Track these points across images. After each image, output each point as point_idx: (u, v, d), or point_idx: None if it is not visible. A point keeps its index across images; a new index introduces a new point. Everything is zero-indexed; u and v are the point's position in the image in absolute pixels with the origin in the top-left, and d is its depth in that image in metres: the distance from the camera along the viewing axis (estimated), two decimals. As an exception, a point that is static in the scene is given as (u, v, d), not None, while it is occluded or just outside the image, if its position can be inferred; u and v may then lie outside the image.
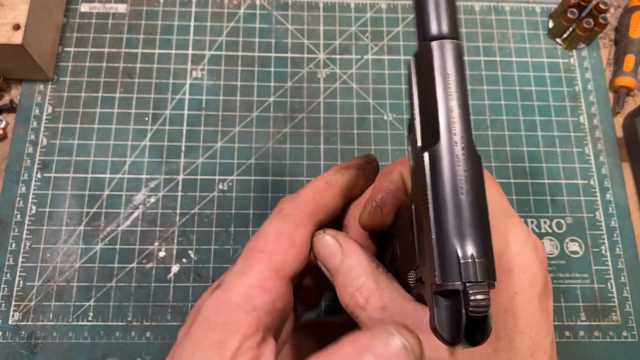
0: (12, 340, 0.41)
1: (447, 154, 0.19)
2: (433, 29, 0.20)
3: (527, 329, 0.22)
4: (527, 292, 0.22)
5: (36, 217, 0.45)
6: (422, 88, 0.21)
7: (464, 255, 0.18)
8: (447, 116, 0.20)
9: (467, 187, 0.19)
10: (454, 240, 0.18)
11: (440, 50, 0.20)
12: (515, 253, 0.22)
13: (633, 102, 0.52)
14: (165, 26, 0.52)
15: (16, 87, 0.49)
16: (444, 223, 0.19)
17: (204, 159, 0.47)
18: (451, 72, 0.20)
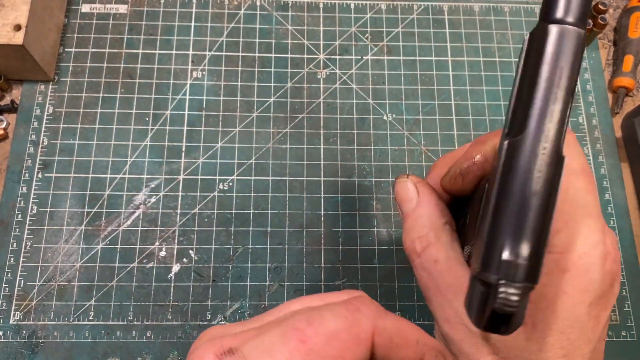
0: (13, 339, 0.42)
1: (528, 149, 0.18)
2: (558, 11, 0.18)
3: (567, 330, 0.21)
4: (576, 295, 0.21)
5: (37, 216, 0.45)
6: (526, 72, 0.19)
7: (509, 254, 0.18)
8: (541, 110, 0.18)
9: (538, 188, 0.18)
10: (504, 237, 0.18)
11: (558, 36, 0.18)
12: (577, 255, 0.21)
13: (632, 103, 0.52)
14: (165, 27, 0.52)
15: (17, 88, 0.49)
16: (501, 217, 0.18)
17: (205, 159, 0.48)
18: (564, 65, 0.18)
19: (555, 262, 0.22)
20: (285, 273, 0.44)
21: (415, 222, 0.26)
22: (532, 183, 0.18)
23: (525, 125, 0.18)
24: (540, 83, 0.18)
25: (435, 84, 0.51)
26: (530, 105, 0.18)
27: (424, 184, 0.27)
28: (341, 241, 0.46)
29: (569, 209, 0.22)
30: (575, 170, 0.22)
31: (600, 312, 0.22)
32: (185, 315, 0.43)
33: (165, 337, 0.42)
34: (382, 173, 0.48)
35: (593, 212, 0.22)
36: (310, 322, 0.19)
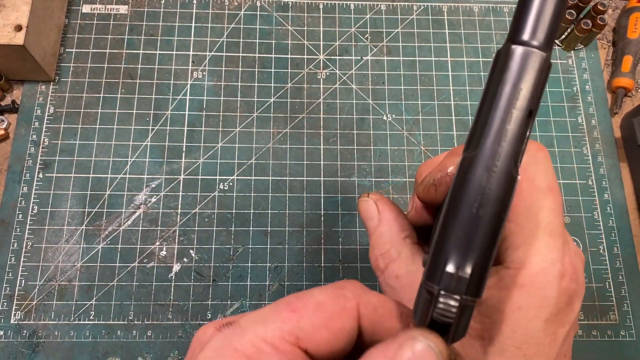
0: (14, 339, 0.42)
1: (479, 167, 0.19)
2: (524, 33, 0.19)
3: (522, 345, 0.22)
4: (532, 311, 0.22)
5: (38, 216, 0.45)
6: (489, 89, 0.19)
7: (452, 267, 0.18)
8: (496, 130, 0.18)
9: (485, 206, 0.18)
10: (449, 250, 0.19)
11: (521, 58, 0.19)
12: (534, 272, 0.22)
13: (631, 103, 0.52)
14: (166, 27, 0.52)
15: (18, 88, 0.50)
16: (448, 230, 0.19)
17: (205, 159, 0.48)
18: (523, 87, 0.19)
19: (512, 278, 0.22)
20: (285, 273, 0.44)
21: (378, 239, 0.26)
22: (480, 201, 0.18)
23: (480, 143, 0.19)
24: (498, 102, 0.19)
25: (434, 84, 0.51)
26: (487, 123, 0.19)
27: (384, 202, 0.28)
28: (341, 241, 0.46)
29: (530, 226, 0.22)
30: (541, 189, 0.23)
31: (557, 329, 0.22)
32: (186, 315, 0.43)
33: (166, 336, 0.42)
34: (382, 173, 0.48)
35: (555, 231, 0.22)
36: (299, 297, 0.21)
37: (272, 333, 0.19)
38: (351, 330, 0.21)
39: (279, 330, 0.19)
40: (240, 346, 0.19)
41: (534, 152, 0.23)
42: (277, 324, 0.20)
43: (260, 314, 0.20)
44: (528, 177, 0.23)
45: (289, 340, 0.19)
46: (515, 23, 0.19)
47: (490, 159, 0.19)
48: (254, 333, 0.19)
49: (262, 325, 0.20)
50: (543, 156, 0.23)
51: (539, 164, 0.23)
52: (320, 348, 0.20)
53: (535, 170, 0.23)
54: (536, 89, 0.19)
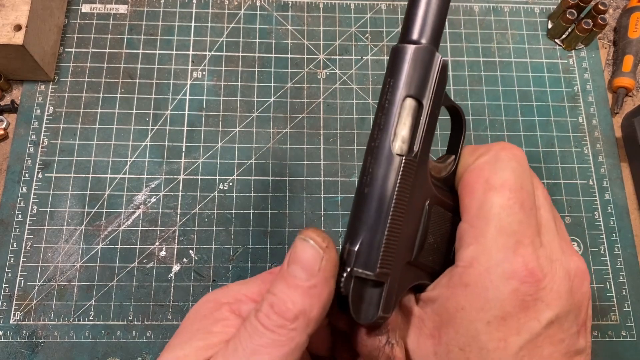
0: (13, 339, 0.42)
1: (366, 151, 0.21)
2: (413, 33, 0.21)
3: (465, 347, 0.21)
4: (472, 312, 0.21)
5: (37, 216, 0.45)
6: (383, 86, 0.22)
7: (345, 242, 0.21)
8: (376, 117, 0.21)
9: (369, 183, 0.21)
10: (347, 228, 0.21)
11: (391, 54, 0.21)
12: (479, 271, 0.21)
13: (632, 103, 0.52)
14: (166, 27, 0.52)
15: (17, 88, 0.49)
16: (352, 210, 0.22)
17: (205, 159, 0.48)
18: (391, 77, 0.21)
19: (459, 277, 0.22)
20: (285, 273, 0.44)
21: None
22: (365, 180, 0.21)
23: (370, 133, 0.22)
24: (380, 95, 0.22)
25: (435, 84, 0.51)
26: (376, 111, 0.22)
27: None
28: (341, 241, 0.46)
29: (480, 224, 0.22)
30: (494, 186, 0.22)
31: (507, 336, 0.21)
32: (185, 315, 0.43)
33: (166, 337, 0.42)
34: (382, 173, 0.48)
35: (507, 230, 0.21)
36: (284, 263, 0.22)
37: (251, 289, 0.23)
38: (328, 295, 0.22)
39: (257, 287, 0.23)
40: (223, 298, 0.23)
41: (496, 152, 0.23)
42: (256, 283, 0.23)
43: (245, 280, 0.24)
44: (482, 175, 0.22)
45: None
46: (403, 24, 0.22)
47: (371, 143, 0.21)
48: (237, 290, 0.23)
49: (244, 285, 0.23)
50: (505, 155, 0.23)
51: (498, 162, 0.23)
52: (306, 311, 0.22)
53: (491, 169, 0.22)
54: (411, 78, 0.21)
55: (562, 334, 0.21)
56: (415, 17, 0.21)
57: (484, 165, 0.22)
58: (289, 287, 0.20)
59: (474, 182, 0.22)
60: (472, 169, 0.23)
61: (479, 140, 0.49)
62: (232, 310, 0.22)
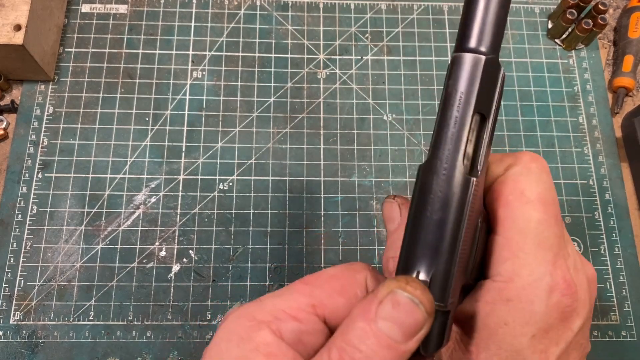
0: (13, 339, 0.42)
1: (430, 171, 0.19)
2: (471, 41, 0.20)
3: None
4: (517, 327, 0.21)
5: (37, 216, 0.45)
6: (442, 97, 0.20)
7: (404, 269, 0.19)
8: (443, 133, 0.19)
9: (438, 209, 0.19)
10: (410, 257, 0.19)
11: (458, 63, 0.19)
12: (521, 286, 0.21)
13: (632, 102, 0.52)
14: (166, 27, 0.52)
15: (17, 88, 0.49)
16: (408, 238, 0.19)
17: (205, 159, 0.48)
18: (463, 91, 0.19)
19: (498, 292, 0.21)
20: (285, 273, 0.44)
21: (393, 242, 0.25)
22: (433, 205, 0.19)
23: (431, 150, 0.19)
24: (442, 109, 0.19)
25: (435, 84, 0.51)
26: (435, 130, 0.19)
27: (408, 207, 0.26)
28: (341, 241, 0.46)
29: (517, 238, 0.22)
30: (530, 200, 0.22)
31: (547, 347, 0.21)
32: (185, 315, 0.43)
33: (165, 337, 0.42)
34: (382, 173, 0.48)
35: (544, 243, 0.22)
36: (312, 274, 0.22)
37: (289, 304, 0.21)
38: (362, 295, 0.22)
39: (295, 301, 0.21)
40: (259, 315, 0.20)
41: (527, 164, 0.23)
42: (293, 295, 0.21)
43: (278, 291, 0.22)
44: (517, 188, 0.22)
45: (305, 308, 0.21)
46: (458, 32, 0.20)
47: (438, 162, 0.19)
48: (272, 304, 0.21)
49: (279, 298, 0.21)
50: (536, 167, 0.23)
51: (531, 175, 0.23)
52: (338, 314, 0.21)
53: (525, 181, 0.22)
54: (482, 92, 0.19)
55: (583, 339, 0.22)
56: (485, 24, 0.20)
57: (518, 178, 0.22)
58: (380, 346, 0.18)
59: (508, 194, 0.22)
60: (505, 181, 0.23)
61: (479, 140, 0.49)
62: (273, 332, 0.20)
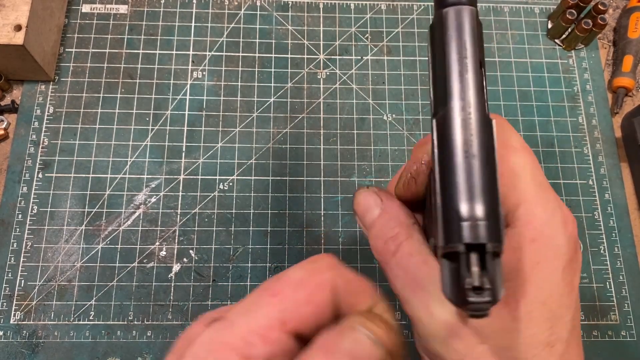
0: (13, 339, 0.42)
1: (455, 118, 0.19)
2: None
3: (548, 300, 0.22)
4: (549, 263, 0.22)
5: (37, 216, 0.45)
6: (435, 57, 0.20)
7: (466, 217, 0.18)
8: (458, 81, 0.19)
9: (474, 150, 0.19)
10: (457, 202, 0.18)
11: (454, 16, 0.20)
12: (541, 223, 0.22)
13: (631, 103, 0.52)
14: (166, 27, 0.52)
15: (18, 88, 0.49)
16: (448, 186, 0.19)
17: (205, 159, 0.48)
18: (467, 38, 0.20)
19: (521, 235, 0.22)
20: (286, 273, 0.44)
21: (384, 225, 0.25)
22: (468, 147, 0.19)
23: (447, 100, 0.19)
24: (449, 60, 0.19)
25: (435, 84, 0.51)
26: (447, 81, 0.19)
27: (385, 192, 0.27)
28: (341, 241, 0.46)
29: (520, 183, 0.22)
30: (516, 148, 0.23)
31: (572, 278, 0.23)
32: (186, 315, 0.43)
33: (166, 336, 0.42)
34: (382, 173, 0.48)
35: (543, 183, 0.23)
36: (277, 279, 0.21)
37: (259, 322, 0.20)
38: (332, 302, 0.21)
39: (265, 319, 0.20)
40: (229, 340, 0.19)
41: (496, 119, 0.23)
42: (263, 312, 0.20)
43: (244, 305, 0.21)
44: (501, 140, 0.22)
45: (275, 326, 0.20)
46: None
47: (462, 108, 0.19)
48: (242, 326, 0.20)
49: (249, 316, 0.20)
50: (504, 121, 0.24)
51: (506, 128, 0.24)
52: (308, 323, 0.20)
53: (505, 134, 0.23)
54: (476, 39, 0.20)
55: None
56: None
57: (497, 132, 0.23)
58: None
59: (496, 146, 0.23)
60: None
61: (479, 140, 0.49)
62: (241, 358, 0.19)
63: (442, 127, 0.19)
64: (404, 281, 0.24)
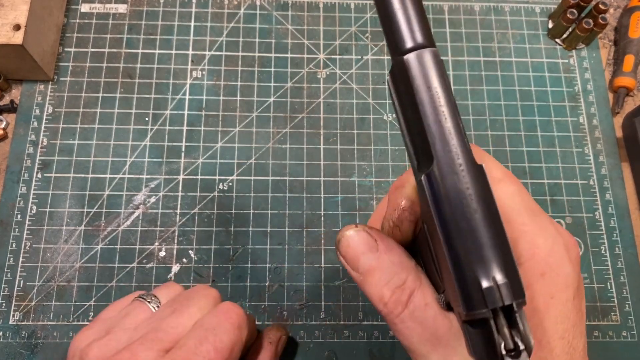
0: (12, 340, 0.42)
1: (447, 173, 0.18)
2: (406, 41, 0.19)
3: (566, 334, 0.21)
4: (562, 295, 0.21)
5: (37, 217, 0.45)
6: (405, 107, 0.19)
7: (486, 279, 0.17)
8: (439, 133, 0.18)
9: (476, 204, 0.17)
10: (472, 266, 0.17)
11: (418, 62, 0.18)
12: (546, 255, 0.21)
13: (632, 102, 0.52)
14: (165, 26, 0.52)
15: (17, 87, 0.49)
16: (457, 249, 0.17)
17: (204, 159, 0.48)
18: (436, 85, 0.18)
19: (529, 271, 0.21)
20: (285, 273, 0.44)
21: (387, 271, 0.22)
22: (467, 202, 0.17)
23: (432, 154, 0.18)
24: (424, 111, 0.18)
25: (435, 83, 0.51)
26: (428, 133, 0.18)
27: (377, 230, 0.24)
28: (341, 241, 0.45)
29: (513, 215, 0.21)
30: (500, 178, 0.22)
31: (581, 304, 0.22)
32: (185, 316, 0.43)
33: (165, 337, 0.42)
34: (382, 173, 0.48)
35: (535, 209, 0.22)
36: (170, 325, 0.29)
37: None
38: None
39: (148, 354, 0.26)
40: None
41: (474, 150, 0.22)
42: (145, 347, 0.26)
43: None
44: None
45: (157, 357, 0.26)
46: (391, 38, 0.19)
47: (451, 160, 0.18)
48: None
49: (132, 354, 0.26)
50: (479, 150, 0.23)
51: (485, 156, 0.23)
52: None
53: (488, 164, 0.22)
54: (445, 82, 0.18)
55: None
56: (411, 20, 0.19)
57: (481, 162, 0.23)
58: None
59: None
60: None
61: (480, 139, 0.49)
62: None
63: (434, 185, 0.18)
64: (422, 336, 0.21)
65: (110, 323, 0.29)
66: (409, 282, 0.22)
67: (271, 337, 0.36)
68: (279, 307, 0.43)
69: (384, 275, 0.22)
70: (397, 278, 0.22)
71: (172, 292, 0.32)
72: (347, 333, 0.43)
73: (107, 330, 0.28)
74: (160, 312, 0.29)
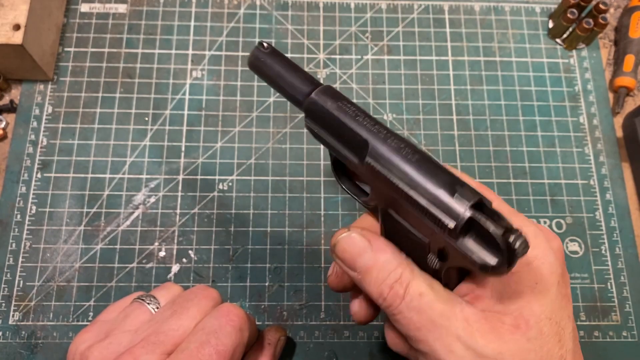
0: (12, 340, 0.41)
1: (381, 144, 0.23)
2: (305, 89, 0.25)
3: (553, 315, 0.23)
4: (546, 280, 0.23)
5: (36, 217, 0.45)
6: (328, 127, 0.25)
7: (453, 191, 0.21)
8: (360, 125, 0.24)
9: (412, 154, 0.22)
10: (439, 190, 0.21)
11: (321, 93, 0.25)
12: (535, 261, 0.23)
13: (633, 102, 0.52)
14: (165, 26, 0.52)
15: (16, 87, 0.49)
16: (421, 187, 0.22)
17: (204, 159, 0.47)
18: (340, 100, 0.25)
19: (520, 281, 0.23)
20: (285, 273, 0.44)
21: (384, 268, 0.25)
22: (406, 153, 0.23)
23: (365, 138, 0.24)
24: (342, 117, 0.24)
25: (435, 83, 0.51)
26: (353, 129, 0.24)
27: (368, 231, 0.26)
28: (341, 241, 0.45)
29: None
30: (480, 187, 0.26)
31: (566, 290, 0.25)
32: (185, 316, 0.43)
33: (165, 337, 0.42)
34: (382, 173, 0.48)
35: (513, 211, 0.25)
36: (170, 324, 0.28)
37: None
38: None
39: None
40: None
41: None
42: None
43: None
44: None
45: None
46: (293, 94, 0.26)
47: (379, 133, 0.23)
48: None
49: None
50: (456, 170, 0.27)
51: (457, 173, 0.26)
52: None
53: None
54: (343, 95, 0.25)
55: None
56: (298, 76, 0.26)
57: None
58: None
59: None
60: None
61: (480, 139, 0.49)
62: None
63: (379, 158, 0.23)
64: (419, 322, 0.23)
65: (110, 325, 0.29)
66: (404, 276, 0.24)
67: (270, 338, 0.36)
68: (278, 307, 0.43)
69: (381, 272, 0.25)
70: (393, 274, 0.24)
71: (171, 293, 0.32)
72: (347, 333, 0.43)
73: (106, 332, 0.28)
74: (161, 313, 0.29)
